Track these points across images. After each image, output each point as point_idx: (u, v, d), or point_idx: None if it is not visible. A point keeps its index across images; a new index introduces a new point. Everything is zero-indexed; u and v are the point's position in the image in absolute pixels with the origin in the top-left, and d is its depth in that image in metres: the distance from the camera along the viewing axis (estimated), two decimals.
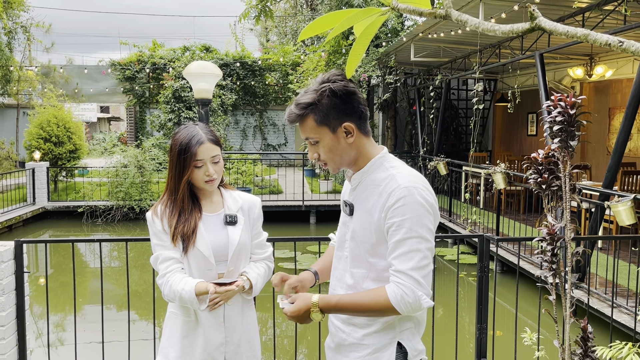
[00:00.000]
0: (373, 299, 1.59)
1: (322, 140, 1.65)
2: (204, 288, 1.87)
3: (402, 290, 1.54)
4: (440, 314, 6.15)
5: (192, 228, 1.96)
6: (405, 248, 1.55)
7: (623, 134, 5.32)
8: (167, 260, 1.97)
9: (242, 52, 18.07)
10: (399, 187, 1.56)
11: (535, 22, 1.03)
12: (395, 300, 1.55)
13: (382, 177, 1.63)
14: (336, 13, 1.22)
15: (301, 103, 1.64)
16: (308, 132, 1.66)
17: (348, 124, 1.63)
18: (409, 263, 1.55)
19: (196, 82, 5.33)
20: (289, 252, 8.43)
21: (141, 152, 12.39)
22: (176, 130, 2.05)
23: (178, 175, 1.98)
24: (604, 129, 10.35)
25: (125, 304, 6.64)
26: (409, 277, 1.55)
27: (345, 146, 1.65)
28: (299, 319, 1.67)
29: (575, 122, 2.22)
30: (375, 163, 1.67)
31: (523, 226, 7.84)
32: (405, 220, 1.54)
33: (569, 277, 2.29)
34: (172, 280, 1.93)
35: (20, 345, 3.18)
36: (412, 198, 1.55)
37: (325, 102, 1.62)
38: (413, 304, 1.55)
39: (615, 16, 6.49)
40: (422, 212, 1.56)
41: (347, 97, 1.63)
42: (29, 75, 16.65)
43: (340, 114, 1.63)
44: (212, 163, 1.99)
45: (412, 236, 1.54)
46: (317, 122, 1.63)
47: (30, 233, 10.96)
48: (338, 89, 1.61)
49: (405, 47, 10.41)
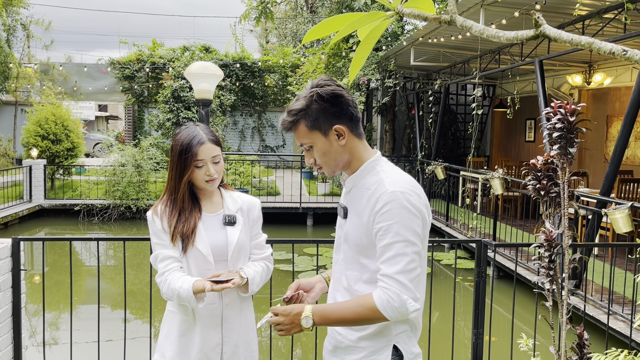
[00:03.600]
0: (360, 305, 1.59)
1: (315, 144, 1.67)
2: (202, 286, 1.88)
3: (387, 295, 1.55)
4: (436, 319, 6.15)
5: (191, 228, 1.97)
6: (392, 252, 1.56)
7: (621, 142, 5.34)
8: (166, 259, 1.98)
9: (242, 53, 18.08)
10: (386, 192, 1.58)
11: (539, 29, 1.03)
12: (381, 305, 1.55)
13: (373, 181, 1.65)
14: (340, 17, 1.23)
15: (292, 110, 1.67)
16: (302, 138, 1.68)
17: (338, 127, 1.65)
18: (395, 267, 1.56)
19: (197, 83, 5.32)
20: (286, 253, 8.42)
21: (139, 151, 12.37)
22: (177, 131, 2.06)
23: (179, 175, 1.99)
24: (601, 137, 10.38)
25: (120, 303, 6.62)
26: (395, 281, 1.55)
27: (338, 148, 1.67)
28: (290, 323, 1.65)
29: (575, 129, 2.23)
30: (368, 167, 1.69)
31: (520, 232, 7.85)
32: (391, 224, 1.56)
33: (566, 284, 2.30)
34: (171, 278, 1.94)
35: (15, 343, 3.17)
36: (398, 202, 1.56)
37: (314, 107, 1.65)
38: (399, 308, 1.55)
39: (615, 24, 6.52)
40: (409, 217, 1.57)
41: (335, 100, 1.65)
42: (28, 72, 16.60)
43: (329, 117, 1.65)
44: (213, 163, 2.00)
45: (398, 240, 1.56)
46: (308, 127, 1.66)
47: (26, 230, 10.93)
48: (325, 92, 1.64)
49: (405, 51, 10.43)
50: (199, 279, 1.93)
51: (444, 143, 13.97)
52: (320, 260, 8.50)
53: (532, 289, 6.23)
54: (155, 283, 2.03)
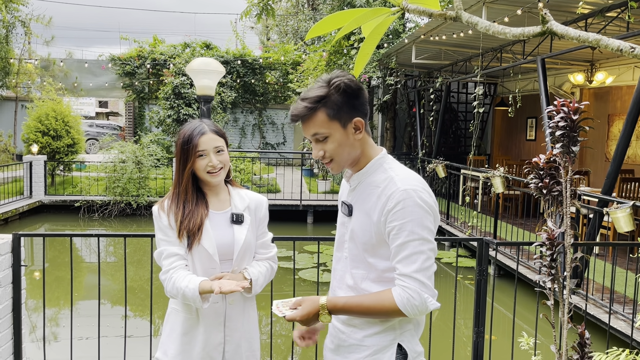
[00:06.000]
0: (379, 302, 1.59)
1: (332, 135, 1.62)
2: (208, 287, 1.86)
3: (408, 293, 1.55)
4: (437, 317, 6.14)
5: (198, 224, 1.95)
6: (408, 251, 1.56)
7: (623, 141, 5.33)
8: (171, 256, 1.95)
9: (243, 50, 18.06)
10: (398, 190, 1.56)
11: (546, 25, 1.02)
12: (402, 304, 1.56)
13: (382, 179, 1.63)
14: (345, 12, 1.22)
15: (311, 97, 1.60)
16: (318, 127, 1.61)
17: (358, 120, 1.63)
18: (412, 266, 1.55)
19: (199, 79, 5.31)
20: (286, 251, 8.42)
21: (139, 147, 12.36)
22: (182, 126, 2.06)
23: (182, 166, 1.99)
24: (602, 136, 10.37)
25: (120, 300, 6.62)
26: (414, 280, 1.55)
27: (353, 142, 1.64)
28: (307, 322, 1.66)
29: (578, 128, 2.22)
30: (375, 164, 1.67)
31: (520, 231, 7.85)
32: (405, 223, 1.55)
33: (567, 283, 2.29)
34: (176, 276, 1.91)
35: (15, 339, 3.17)
36: (411, 201, 1.55)
37: (337, 97, 1.60)
38: (420, 306, 1.56)
39: (618, 23, 6.51)
40: (422, 214, 1.56)
41: (358, 93, 1.63)
42: (28, 68, 16.59)
43: (351, 109, 1.62)
44: (216, 153, 1.99)
45: (413, 239, 1.55)
46: (329, 116, 1.60)
47: (27, 226, 10.92)
48: (351, 83, 1.61)
49: (406, 48, 10.41)
50: (205, 279, 1.90)
51: (444, 141, 13.95)
52: (321, 257, 8.50)
53: (533, 288, 6.23)
54: (156, 280, 2.01)
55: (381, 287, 1.63)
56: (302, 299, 1.68)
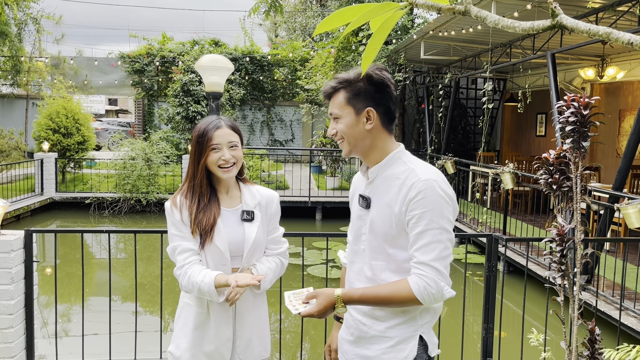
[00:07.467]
0: (396, 291, 1.60)
1: (343, 118, 1.69)
2: (224, 281, 1.88)
3: (425, 281, 1.58)
4: (446, 314, 6.13)
5: (211, 224, 1.96)
6: (426, 239, 1.58)
7: (634, 137, 5.28)
8: (185, 252, 1.97)
9: (251, 47, 18.06)
10: (419, 180, 1.60)
11: (556, 19, 1.01)
12: (418, 292, 1.58)
13: (402, 170, 1.66)
14: (352, 7, 1.21)
15: (339, 78, 1.70)
16: (334, 107, 1.71)
17: (371, 109, 1.67)
18: (431, 254, 1.58)
19: (208, 76, 5.31)
20: (295, 247, 8.44)
21: (149, 145, 12.43)
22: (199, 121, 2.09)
23: (197, 159, 2.00)
24: (613, 131, 10.27)
25: (130, 296, 6.67)
26: (432, 268, 1.58)
27: (362, 130, 1.69)
28: (323, 316, 1.67)
29: (589, 123, 2.20)
30: (393, 157, 1.71)
31: (530, 227, 7.80)
32: (425, 212, 1.57)
33: (577, 279, 2.28)
34: (191, 271, 1.93)
35: (28, 334, 3.20)
36: (432, 190, 1.58)
37: (360, 83, 1.67)
38: (436, 294, 1.59)
39: (628, 17, 6.44)
40: (442, 204, 1.59)
41: (381, 86, 1.68)
42: (39, 66, 16.71)
43: (368, 99, 1.67)
44: (229, 148, 2.00)
45: (433, 227, 1.57)
46: (345, 99, 1.68)
47: (38, 223, 11.03)
48: (375, 75, 1.67)
49: (415, 44, 10.37)
50: (220, 272, 1.92)
51: (453, 137, 13.90)
52: (330, 254, 8.51)
53: (542, 284, 6.20)
54: (166, 276, 2.03)
55: (400, 277, 1.65)
56: (316, 292, 1.69)
